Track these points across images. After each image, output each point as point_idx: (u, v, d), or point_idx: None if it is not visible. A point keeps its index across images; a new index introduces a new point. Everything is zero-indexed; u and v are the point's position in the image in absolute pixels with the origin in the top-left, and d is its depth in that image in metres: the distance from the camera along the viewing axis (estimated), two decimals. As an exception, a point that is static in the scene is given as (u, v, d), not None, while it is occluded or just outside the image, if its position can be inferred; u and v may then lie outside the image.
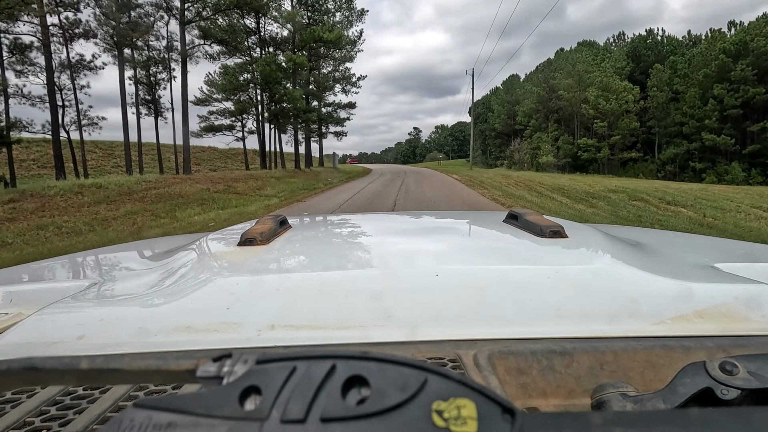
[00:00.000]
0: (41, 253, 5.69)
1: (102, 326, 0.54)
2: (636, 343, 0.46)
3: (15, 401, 0.40)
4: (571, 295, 0.58)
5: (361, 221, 1.25)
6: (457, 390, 0.19)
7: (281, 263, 0.75)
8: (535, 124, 45.20)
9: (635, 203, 11.70)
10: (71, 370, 0.22)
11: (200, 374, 0.22)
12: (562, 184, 18.12)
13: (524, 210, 1.03)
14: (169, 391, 0.41)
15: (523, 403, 0.41)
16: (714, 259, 0.80)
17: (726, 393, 0.31)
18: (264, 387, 0.20)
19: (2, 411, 0.39)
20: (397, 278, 0.64)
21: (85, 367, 0.22)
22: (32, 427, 0.37)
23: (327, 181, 19.96)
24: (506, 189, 15.98)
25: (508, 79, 59.49)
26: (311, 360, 0.21)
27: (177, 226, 8.22)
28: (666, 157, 34.62)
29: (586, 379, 0.42)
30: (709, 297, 0.57)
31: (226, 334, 0.51)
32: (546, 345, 0.46)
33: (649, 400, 0.33)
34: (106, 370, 0.22)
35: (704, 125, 31.63)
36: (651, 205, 11.03)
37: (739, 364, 0.33)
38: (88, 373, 0.22)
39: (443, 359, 0.45)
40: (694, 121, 32.41)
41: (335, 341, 0.49)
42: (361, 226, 1.16)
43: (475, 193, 14.25)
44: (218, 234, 1.02)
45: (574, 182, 19.28)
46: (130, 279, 0.76)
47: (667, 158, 34.51)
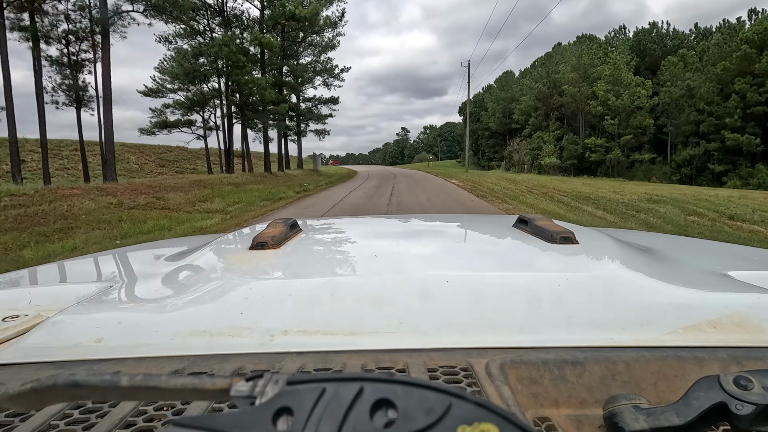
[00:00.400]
0: None
1: (119, 329, 0.55)
2: (648, 353, 0.46)
3: (23, 415, 0.40)
4: (583, 302, 0.58)
5: (371, 224, 1.25)
6: (481, 414, 0.19)
7: (293, 267, 0.75)
8: (534, 123, 41.80)
9: (692, 218, 8.64)
10: (112, 387, 0.23)
11: (234, 393, 0.22)
12: (581, 190, 14.77)
13: (534, 215, 1.02)
14: (178, 406, 0.40)
15: (535, 413, 0.41)
16: (727, 267, 0.79)
17: (740, 408, 0.31)
18: (296, 408, 0.20)
19: (12, 425, 0.38)
20: (408, 284, 0.64)
21: (125, 385, 0.23)
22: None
23: (300, 188, 16.09)
24: (524, 199, 12.46)
25: (502, 75, 56.07)
26: (340, 382, 0.21)
27: None
28: (681, 158, 31.43)
29: (598, 389, 0.42)
30: (723, 306, 0.55)
31: (240, 338, 0.52)
32: (558, 354, 0.46)
33: (663, 413, 0.32)
34: (145, 387, 0.23)
35: (724, 123, 28.53)
36: (708, 219, 8.72)
37: (754, 378, 0.32)
38: (128, 390, 0.23)
39: (455, 367, 0.45)
40: (713, 118, 29.33)
41: (348, 347, 0.50)
42: (371, 230, 1.16)
43: (492, 209, 10.56)
44: (230, 237, 1.02)
45: (593, 188, 15.91)
46: (146, 281, 0.76)
47: (683, 160, 31.32)
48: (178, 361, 0.48)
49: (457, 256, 0.82)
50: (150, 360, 0.49)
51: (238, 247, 0.88)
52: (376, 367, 0.46)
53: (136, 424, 0.38)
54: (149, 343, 0.52)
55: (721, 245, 1.17)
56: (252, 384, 0.22)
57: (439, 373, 0.44)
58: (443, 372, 0.44)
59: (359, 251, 0.89)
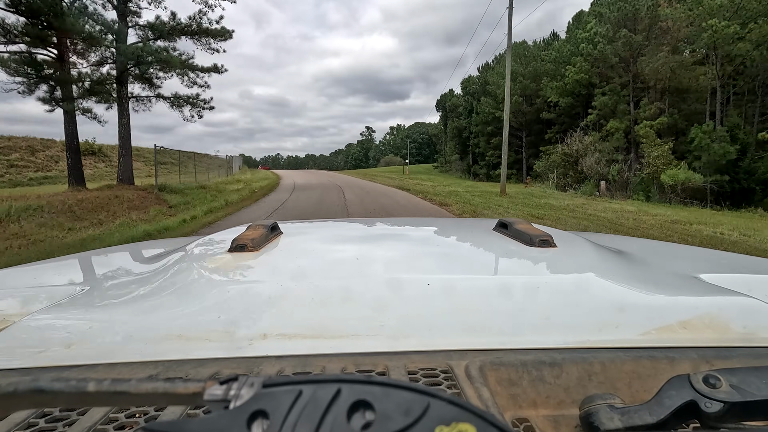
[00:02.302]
0: None
1: (91, 334, 0.53)
2: (623, 354, 0.47)
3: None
4: (561, 304, 0.59)
5: (353, 227, 1.25)
6: (459, 415, 0.19)
7: (273, 270, 0.75)
8: (605, 105, 23.69)
9: None
10: (78, 393, 0.22)
11: (207, 397, 0.22)
12: None
13: (514, 219, 1.03)
14: (151, 413, 0.39)
15: (514, 414, 0.41)
16: (698, 270, 0.81)
17: (710, 406, 0.32)
18: (271, 411, 0.20)
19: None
20: (389, 287, 0.64)
21: (92, 390, 0.22)
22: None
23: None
24: None
25: (521, 44, 37.95)
26: (317, 384, 0.21)
27: None
28: None
29: (575, 389, 0.43)
30: (694, 308, 0.58)
31: (217, 343, 0.51)
32: (536, 356, 0.47)
33: (636, 412, 0.34)
34: (113, 392, 0.22)
35: None
36: None
37: (722, 377, 0.34)
38: (96, 396, 0.22)
39: (435, 370, 0.45)
40: None
41: (328, 351, 0.49)
42: (353, 233, 1.15)
43: None
44: (208, 239, 1.01)
45: None
46: (120, 284, 0.75)
47: None
48: (152, 367, 0.47)
49: (437, 259, 0.83)
50: (122, 366, 0.47)
51: (217, 250, 0.85)
52: (356, 370, 0.45)
53: (107, 431, 0.37)
54: (122, 349, 0.50)
55: (691, 249, 1.22)
56: (226, 387, 0.22)
57: (419, 376, 0.44)
58: (423, 374, 0.44)
59: (340, 254, 0.87)
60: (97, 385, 0.22)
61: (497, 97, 35.52)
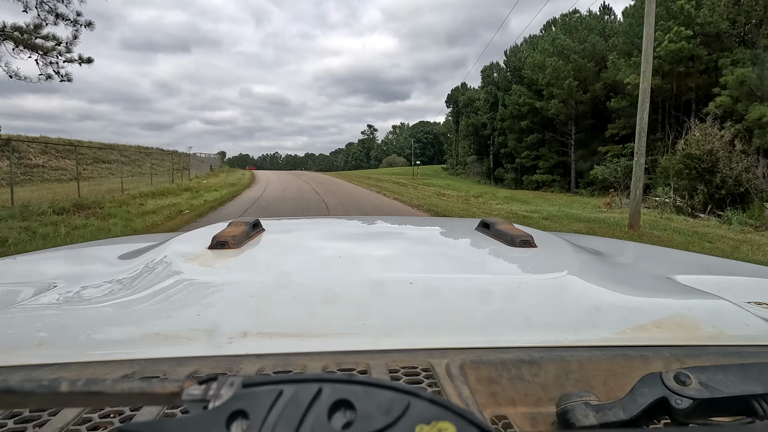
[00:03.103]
0: None
1: (63, 332, 0.52)
2: (599, 352, 0.48)
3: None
4: (540, 304, 0.60)
5: (335, 225, 1.23)
6: (439, 413, 0.19)
7: (254, 268, 0.74)
8: (741, 81, 15.69)
9: None
10: (50, 393, 0.21)
11: (185, 397, 0.21)
12: None
13: (495, 219, 1.04)
14: (126, 413, 0.39)
15: (493, 411, 0.42)
16: (671, 271, 0.83)
17: (680, 403, 0.33)
18: (251, 411, 0.20)
19: None
20: (372, 285, 0.64)
21: (64, 391, 0.21)
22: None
23: None
24: None
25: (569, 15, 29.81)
26: (298, 383, 0.21)
27: None
28: None
29: (553, 387, 0.44)
30: (666, 308, 0.59)
31: (196, 341, 0.50)
32: (516, 354, 0.47)
33: (610, 409, 0.35)
34: (87, 393, 0.22)
35: None
36: None
37: (692, 375, 0.35)
38: (68, 396, 0.22)
39: (416, 368, 0.45)
40: None
41: (309, 350, 0.49)
42: (335, 231, 1.14)
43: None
44: (188, 236, 0.98)
45: None
46: (95, 280, 0.72)
47: None
48: (128, 366, 0.45)
49: (420, 258, 0.83)
50: (97, 365, 0.46)
51: (197, 247, 0.83)
52: (337, 369, 0.45)
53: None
54: (97, 347, 0.49)
55: (665, 250, 1.24)
56: (205, 387, 0.22)
57: (400, 374, 0.44)
58: (405, 373, 0.45)
59: (323, 252, 0.86)
60: (70, 385, 0.22)
61: (537, 83, 27.67)
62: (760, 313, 0.61)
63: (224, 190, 17.05)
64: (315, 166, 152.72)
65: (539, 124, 30.36)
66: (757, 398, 0.33)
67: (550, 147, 30.24)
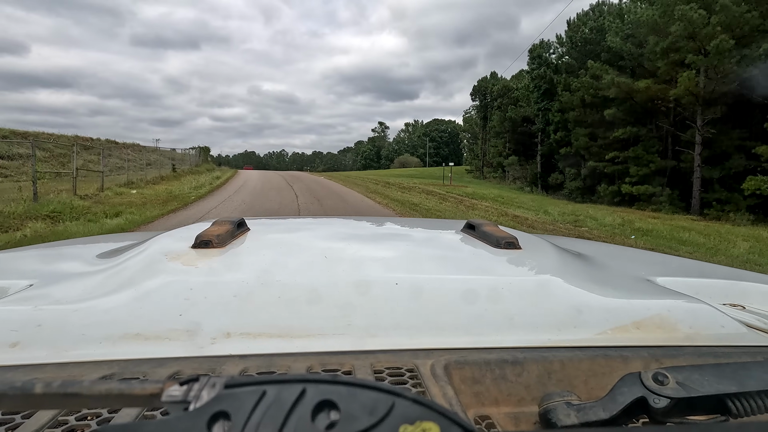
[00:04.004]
0: None
1: (39, 332, 0.50)
2: (581, 353, 0.49)
3: None
4: (524, 305, 0.61)
5: (322, 225, 1.22)
6: (423, 413, 0.19)
7: (238, 267, 0.72)
8: None
9: None
10: (23, 395, 0.21)
11: (165, 399, 0.21)
12: None
13: (481, 221, 1.04)
14: (104, 415, 0.38)
15: (476, 411, 0.43)
16: (651, 273, 0.85)
17: (657, 402, 0.34)
18: (233, 412, 0.19)
19: None
20: (357, 286, 0.64)
21: (39, 392, 0.21)
22: None
23: None
24: None
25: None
26: (281, 384, 0.20)
27: None
28: None
29: (535, 387, 0.45)
30: (646, 309, 0.60)
31: (178, 342, 0.49)
32: (499, 354, 0.48)
33: (591, 408, 0.35)
34: (63, 394, 0.21)
35: None
36: None
37: (670, 375, 0.35)
38: (43, 398, 0.21)
39: (401, 369, 0.46)
40: None
41: (293, 350, 0.49)
42: (322, 231, 1.12)
43: None
44: (171, 234, 0.95)
45: None
46: (74, 280, 0.70)
47: None
48: (107, 367, 0.44)
49: (405, 259, 0.83)
50: (74, 365, 0.45)
51: (180, 246, 0.81)
52: (322, 370, 0.45)
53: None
54: (74, 348, 0.48)
55: (645, 253, 1.25)
56: (186, 388, 0.21)
57: (385, 375, 0.45)
58: (389, 373, 0.45)
59: (308, 252, 0.85)
60: (45, 387, 0.21)
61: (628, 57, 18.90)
62: (735, 314, 0.63)
63: (138, 214, 8.88)
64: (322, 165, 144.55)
65: (629, 114, 21.67)
66: (730, 397, 0.34)
67: (647, 146, 21.51)
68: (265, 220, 1.24)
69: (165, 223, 8.50)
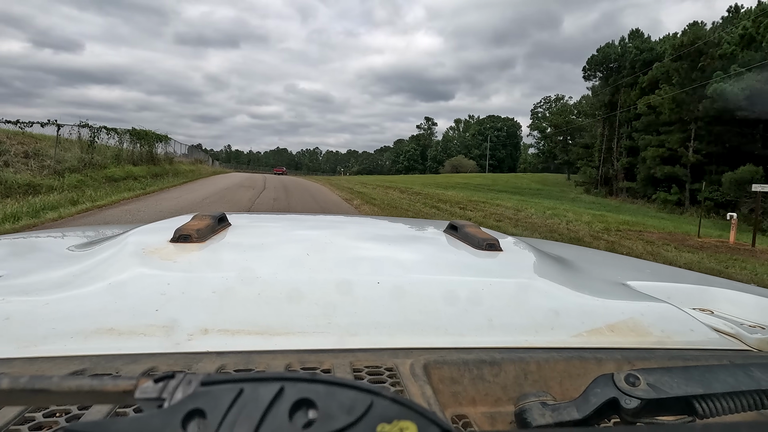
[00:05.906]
0: None
1: (7, 326, 0.48)
2: (556, 354, 0.50)
3: None
4: (502, 306, 0.61)
5: (304, 222, 1.23)
6: (401, 412, 0.19)
7: (218, 263, 0.71)
8: None
9: None
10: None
11: (139, 395, 0.21)
12: None
13: (463, 222, 1.04)
14: (74, 412, 0.37)
15: (454, 410, 0.43)
16: (626, 277, 0.86)
17: (629, 403, 0.35)
18: (209, 410, 0.19)
19: None
20: (338, 284, 0.64)
21: (5, 388, 0.20)
22: None
23: None
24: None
25: None
26: (259, 382, 0.20)
27: None
28: None
29: (512, 388, 0.45)
30: (620, 312, 0.61)
31: (153, 337, 0.48)
32: (477, 355, 0.48)
33: (565, 408, 0.36)
34: (31, 390, 0.20)
35: None
36: None
37: (641, 376, 0.36)
38: (9, 394, 0.20)
39: (380, 368, 0.46)
40: None
41: (272, 348, 0.48)
42: (304, 229, 1.13)
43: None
44: (148, 227, 0.94)
45: None
46: (45, 272, 0.68)
47: None
48: (78, 362, 0.43)
49: (388, 259, 0.82)
50: (43, 360, 0.43)
51: (158, 239, 0.79)
52: (300, 368, 0.45)
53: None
54: (43, 342, 0.46)
55: (621, 258, 1.29)
56: (161, 385, 0.21)
57: (364, 374, 0.45)
58: (368, 372, 0.45)
59: (290, 249, 0.85)
60: (11, 382, 0.20)
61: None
62: (704, 319, 0.65)
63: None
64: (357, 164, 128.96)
65: None
66: (698, 399, 0.35)
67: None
68: (247, 215, 1.22)
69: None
